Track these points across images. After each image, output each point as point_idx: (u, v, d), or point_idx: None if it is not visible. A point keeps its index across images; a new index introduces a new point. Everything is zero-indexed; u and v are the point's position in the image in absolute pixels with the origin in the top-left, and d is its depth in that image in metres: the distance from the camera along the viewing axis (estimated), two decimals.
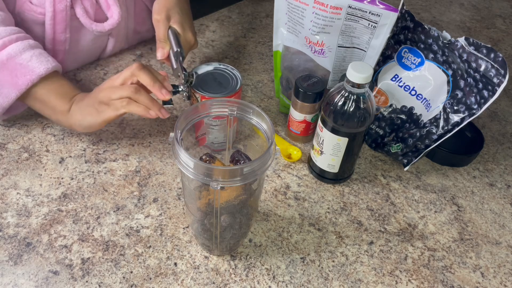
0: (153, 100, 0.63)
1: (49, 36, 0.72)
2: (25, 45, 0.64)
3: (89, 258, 0.56)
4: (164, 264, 0.56)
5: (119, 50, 0.87)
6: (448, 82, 0.65)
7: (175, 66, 0.68)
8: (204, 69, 0.68)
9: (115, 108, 0.62)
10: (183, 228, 0.60)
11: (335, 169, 0.66)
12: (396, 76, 0.70)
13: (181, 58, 0.68)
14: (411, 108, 0.69)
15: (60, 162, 0.67)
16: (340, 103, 0.59)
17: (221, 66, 0.69)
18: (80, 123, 0.64)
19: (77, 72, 0.82)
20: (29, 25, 0.72)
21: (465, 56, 0.62)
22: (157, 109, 0.63)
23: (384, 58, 0.70)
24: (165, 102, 0.65)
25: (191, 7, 0.84)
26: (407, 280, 0.58)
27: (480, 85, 0.61)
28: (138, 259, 0.57)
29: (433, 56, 0.66)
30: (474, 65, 0.61)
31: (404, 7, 0.63)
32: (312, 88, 0.67)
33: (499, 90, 0.58)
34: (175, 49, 0.68)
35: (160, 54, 0.72)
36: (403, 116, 0.70)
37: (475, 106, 0.62)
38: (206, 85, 0.65)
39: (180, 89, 0.66)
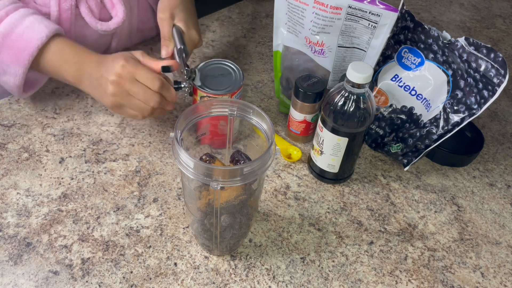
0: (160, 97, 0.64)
1: None
2: (17, 18, 0.63)
3: (89, 258, 0.56)
4: (164, 264, 0.56)
5: (122, 49, 0.87)
6: (448, 82, 0.65)
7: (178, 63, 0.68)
8: (206, 66, 0.68)
9: (128, 115, 0.65)
10: (183, 228, 0.60)
11: (335, 169, 0.66)
12: (396, 76, 0.70)
13: (184, 55, 0.68)
14: (411, 108, 0.69)
15: (60, 162, 0.67)
16: (340, 103, 0.59)
17: (223, 63, 0.69)
18: (91, 94, 0.67)
19: None
20: None
21: (465, 56, 0.62)
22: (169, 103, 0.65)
23: (384, 58, 0.70)
24: (164, 69, 0.65)
25: None
26: (407, 280, 0.58)
27: (480, 85, 0.61)
28: (138, 259, 0.57)
29: (433, 56, 0.66)
30: (474, 65, 0.61)
31: (404, 7, 0.63)
32: (312, 88, 0.67)
33: (499, 90, 0.58)
34: (178, 46, 0.69)
35: (164, 52, 0.72)
36: (403, 116, 0.70)
37: (475, 106, 0.62)
38: (208, 82, 0.66)
39: (182, 86, 0.66)
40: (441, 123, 0.65)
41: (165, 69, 0.65)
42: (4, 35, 0.62)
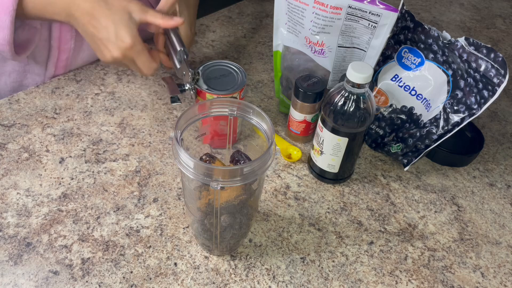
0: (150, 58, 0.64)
1: (56, 34, 0.73)
2: None
3: (89, 258, 0.56)
4: (164, 264, 0.56)
5: None
6: (448, 82, 0.65)
7: (178, 66, 0.68)
8: (206, 68, 0.68)
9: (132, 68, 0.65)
10: (183, 228, 0.60)
11: (335, 169, 0.66)
12: (396, 76, 0.70)
13: (185, 57, 0.68)
14: (411, 108, 0.69)
15: (60, 162, 0.67)
16: (340, 103, 0.59)
17: (223, 63, 0.69)
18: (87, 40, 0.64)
19: (77, 72, 0.82)
20: (35, 23, 0.72)
21: (465, 56, 0.62)
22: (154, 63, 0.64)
23: (384, 58, 0.70)
24: (173, 100, 0.65)
25: None
26: (407, 280, 0.58)
27: (480, 85, 0.61)
28: (138, 259, 0.57)
29: (433, 56, 0.66)
30: (474, 65, 0.61)
31: (404, 7, 0.63)
32: (312, 88, 0.67)
33: (499, 90, 0.58)
34: (178, 48, 0.68)
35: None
36: (403, 116, 0.70)
37: (475, 106, 0.62)
38: (212, 83, 0.66)
39: (186, 88, 0.66)
40: (441, 123, 0.65)
41: (174, 99, 0.66)
42: None
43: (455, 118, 0.64)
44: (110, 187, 0.64)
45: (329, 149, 0.63)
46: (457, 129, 0.64)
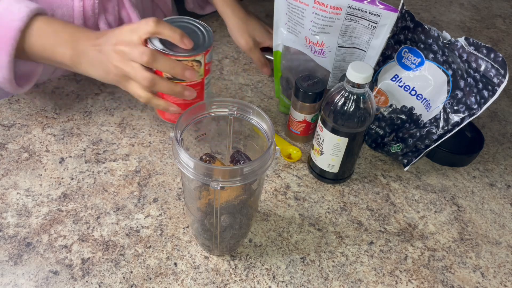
0: (174, 84, 0.60)
1: None
2: None
3: (89, 258, 0.56)
4: (164, 264, 0.56)
5: None
6: (448, 82, 0.65)
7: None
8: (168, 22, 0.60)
9: (131, 90, 0.60)
10: (183, 228, 0.60)
11: (335, 169, 0.66)
12: (396, 76, 0.70)
13: None
14: (411, 108, 0.69)
15: (60, 162, 0.67)
16: (340, 103, 0.59)
17: (187, 19, 0.62)
18: (91, 75, 0.62)
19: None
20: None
21: (465, 56, 0.62)
22: (181, 91, 0.60)
23: (384, 58, 0.70)
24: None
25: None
26: (407, 280, 0.58)
27: (480, 85, 0.61)
28: (138, 259, 0.57)
29: (433, 56, 0.66)
30: (474, 65, 0.61)
31: (404, 7, 0.63)
32: (312, 88, 0.67)
33: (499, 90, 0.58)
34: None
35: (267, 70, 0.84)
36: (403, 116, 0.70)
37: (475, 106, 0.62)
38: (169, 41, 0.58)
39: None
40: (441, 123, 0.65)
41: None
42: None
43: (455, 118, 0.64)
44: (110, 187, 0.64)
45: (329, 149, 0.63)
46: (457, 129, 0.64)
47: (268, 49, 0.83)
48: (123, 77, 0.60)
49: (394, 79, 0.70)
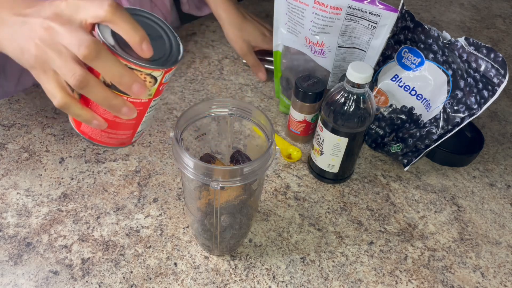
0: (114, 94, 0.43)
1: None
2: None
3: (89, 258, 0.56)
4: (164, 264, 0.56)
5: None
6: (448, 82, 0.65)
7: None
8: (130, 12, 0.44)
9: (46, 84, 0.43)
10: (183, 228, 0.60)
11: (335, 169, 0.66)
12: (396, 76, 0.70)
13: None
14: (411, 108, 0.69)
15: (60, 162, 0.67)
16: (340, 103, 0.59)
17: (151, 18, 0.45)
18: (5, 51, 0.46)
19: None
20: None
21: (465, 56, 0.62)
22: (119, 105, 0.43)
23: (384, 58, 0.70)
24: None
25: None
26: (407, 280, 0.58)
27: (480, 85, 0.61)
28: (138, 259, 0.57)
29: (433, 56, 0.66)
30: (474, 65, 0.61)
31: (404, 7, 0.63)
32: (312, 88, 0.67)
33: (499, 90, 0.58)
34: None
35: (262, 75, 0.82)
36: (403, 116, 0.70)
37: (475, 106, 0.62)
38: (122, 39, 0.42)
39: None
40: (441, 123, 0.65)
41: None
42: None
43: (455, 118, 0.64)
44: (110, 187, 0.64)
45: (329, 149, 0.63)
46: (457, 129, 0.64)
47: (268, 52, 0.83)
48: (42, 63, 0.43)
49: (394, 79, 0.70)
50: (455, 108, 0.64)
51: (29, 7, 0.45)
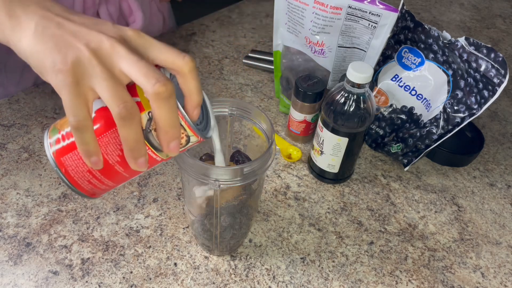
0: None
1: None
2: None
3: (89, 258, 0.56)
4: (164, 264, 0.56)
5: None
6: (448, 82, 0.65)
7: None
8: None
9: (69, 94, 0.38)
10: (183, 228, 0.60)
11: (335, 169, 0.66)
12: (396, 76, 0.70)
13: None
14: (411, 108, 0.69)
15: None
16: (340, 103, 0.59)
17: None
18: (26, 56, 0.39)
19: None
20: None
21: (465, 56, 0.62)
22: (141, 152, 0.38)
23: (384, 58, 0.70)
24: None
25: (191, 7, 0.85)
26: (407, 280, 0.58)
27: (480, 85, 0.61)
28: (138, 259, 0.56)
29: (433, 56, 0.66)
30: (474, 65, 0.61)
31: (404, 7, 0.63)
32: (312, 88, 0.67)
33: (499, 90, 0.58)
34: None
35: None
36: (403, 116, 0.70)
37: (475, 106, 0.62)
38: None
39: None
40: (441, 123, 0.65)
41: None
42: None
43: (455, 118, 0.64)
44: None
45: (329, 149, 0.63)
46: (457, 129, 0.64)
47: (268, 53, 0.82)
48: (79, 74, 0.37)
49: (394, 79, 0.70)
50: (455, 108, 0.64)
51: (66, 12, 0.41)
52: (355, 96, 0.58)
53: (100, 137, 0.38)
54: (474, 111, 0.62)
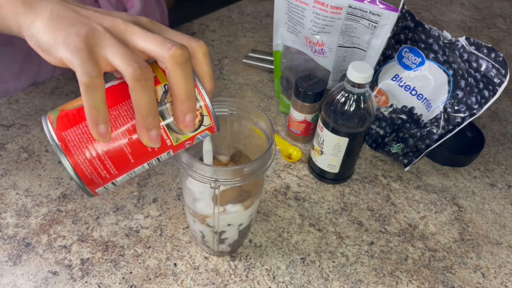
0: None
1: None
2: None
3: (88, 258, 0.56)
4: (164, 264, 0.56)
5: None
6: (449, 82, 0.65)
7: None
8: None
9: (88, 64, 0.35)
10: (183, 229, 0.60)
11: (335, 169, 0.66)
12: (396, 76, 0.70)
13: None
14: (412, 108, 0.69)
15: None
16: (340, 103, 0.59)
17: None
18: (37, 37, 0.39)
19: None
20: None
21: (465, 56, 0.62)
22: (155, 123, 0.36)
23: (385, 58, 0.70)
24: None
25: (191, 7, 0.85)
26: (407, 280, 0.57)
27: (481, 85, 0.61)
28: (137, 260, 0.56)
29: (433, 56, 0.66)
30: (474, 65, 0.61)
31: (405, 7, 0.62)
32: (312, 88, 0.67)
33: (500, 90, 0.58)
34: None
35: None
36: (403, 116, 0.70)
37: (476, 106, 0.62)
38: None
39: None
40: (442, 123, 0.65)
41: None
42: None
43: (455, 118, 0.64)
44: None
45: (329, 149, 0.63)
46: (457, 129, 0.63)
47: (268, 53, 0.82)
48: (92, 44, 0.36)
49: (394, 79, 0.70)
50: (456, 108, 0.64)
51: (80, 2, 0.41)
52: (355, 96, 0.58)
53: (110, 110, 0.36)
54: (475, 111, 0.62)
